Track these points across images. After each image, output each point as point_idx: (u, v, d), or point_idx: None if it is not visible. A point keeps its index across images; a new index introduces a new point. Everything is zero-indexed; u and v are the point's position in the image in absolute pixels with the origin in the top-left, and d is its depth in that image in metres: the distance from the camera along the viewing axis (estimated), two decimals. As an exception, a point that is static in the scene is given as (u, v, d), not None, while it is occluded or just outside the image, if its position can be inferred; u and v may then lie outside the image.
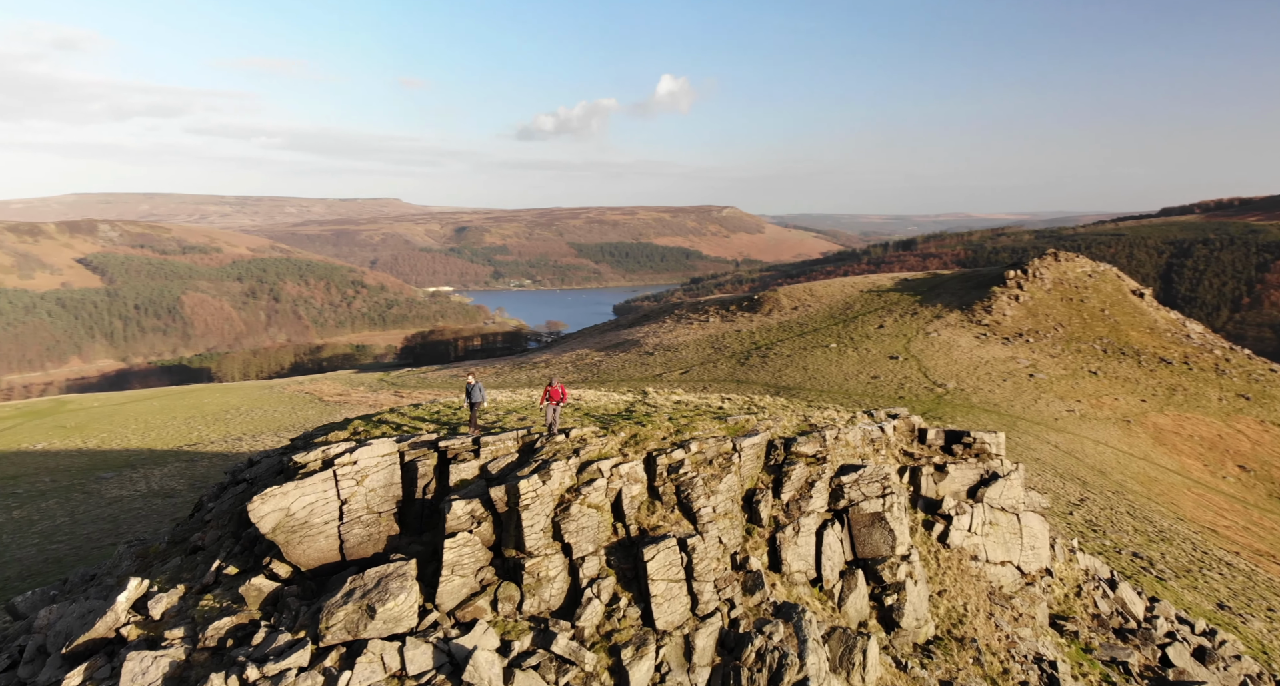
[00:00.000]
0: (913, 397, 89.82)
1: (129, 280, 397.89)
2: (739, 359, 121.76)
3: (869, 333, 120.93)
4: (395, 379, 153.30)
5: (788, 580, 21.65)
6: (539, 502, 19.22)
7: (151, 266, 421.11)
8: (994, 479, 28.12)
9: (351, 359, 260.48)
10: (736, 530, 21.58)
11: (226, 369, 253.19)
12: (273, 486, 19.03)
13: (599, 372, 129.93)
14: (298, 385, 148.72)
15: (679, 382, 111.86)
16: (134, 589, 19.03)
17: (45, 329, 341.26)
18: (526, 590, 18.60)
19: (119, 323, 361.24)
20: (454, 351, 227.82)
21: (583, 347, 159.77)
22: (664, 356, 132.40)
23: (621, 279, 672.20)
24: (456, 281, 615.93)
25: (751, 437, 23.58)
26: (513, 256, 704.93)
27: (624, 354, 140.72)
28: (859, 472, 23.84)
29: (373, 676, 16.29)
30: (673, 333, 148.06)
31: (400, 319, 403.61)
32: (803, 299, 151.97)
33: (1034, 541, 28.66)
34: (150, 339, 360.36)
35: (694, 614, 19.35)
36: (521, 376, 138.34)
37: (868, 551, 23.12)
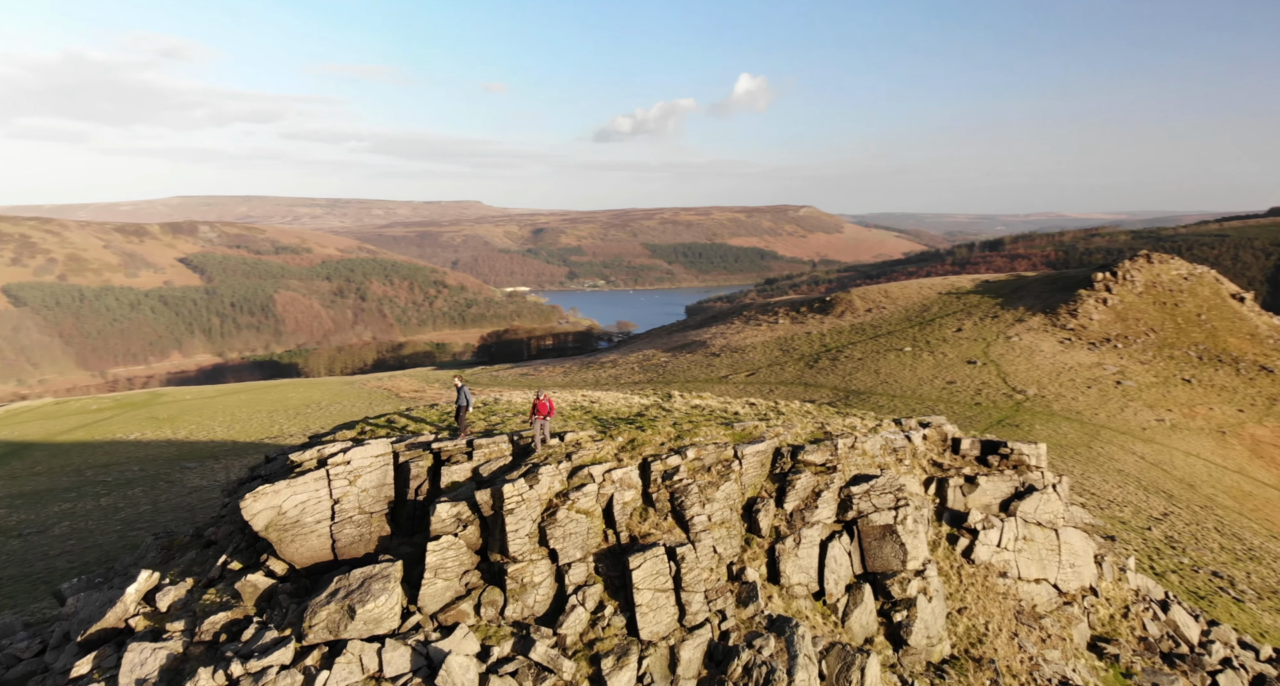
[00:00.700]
0: (990, 404, 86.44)
1: (226, 279, 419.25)
2: (808, 362, 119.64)
3: (946, 336, 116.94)
4: (468, 376, 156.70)
5: (787, 593, 20.92)
6: (525, 507, 19.03)
7: (247, 266, 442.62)
8: (1029, 492, 26.60)
9: (431, 356, 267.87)
10: (734, 540, 20.98)
11: (313, 365, 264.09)
12: (264, 485, 19.49)
13: (664, 373, 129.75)
14: (377, 381, 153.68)
15: (744, 384, 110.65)
16: (143, 580, 19.82)
17: (149, 325, 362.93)
18: (510, 595, 18.43)
19: (216, 319, 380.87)
20: (527, 350, 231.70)
21: (650, 348, 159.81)
22: (730, 358, 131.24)
23: (694, 279, 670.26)
24: (533, 281, 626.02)
25: (755, 445, 22.87)
26: (587, 257, 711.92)
27: (690, 355, 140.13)
28: (871, 483, 22.89)
29: (350, 677, 16.42)
30: (740, 334, 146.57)
31: (479, 318, 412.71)
32: (877, 300, 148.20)
33: (1074, 559, 27.13)
34: (245, 335, 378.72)
35: (681, 624, 18.87)
36: (588, 376, 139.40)
37: (878, 565, 22.19)
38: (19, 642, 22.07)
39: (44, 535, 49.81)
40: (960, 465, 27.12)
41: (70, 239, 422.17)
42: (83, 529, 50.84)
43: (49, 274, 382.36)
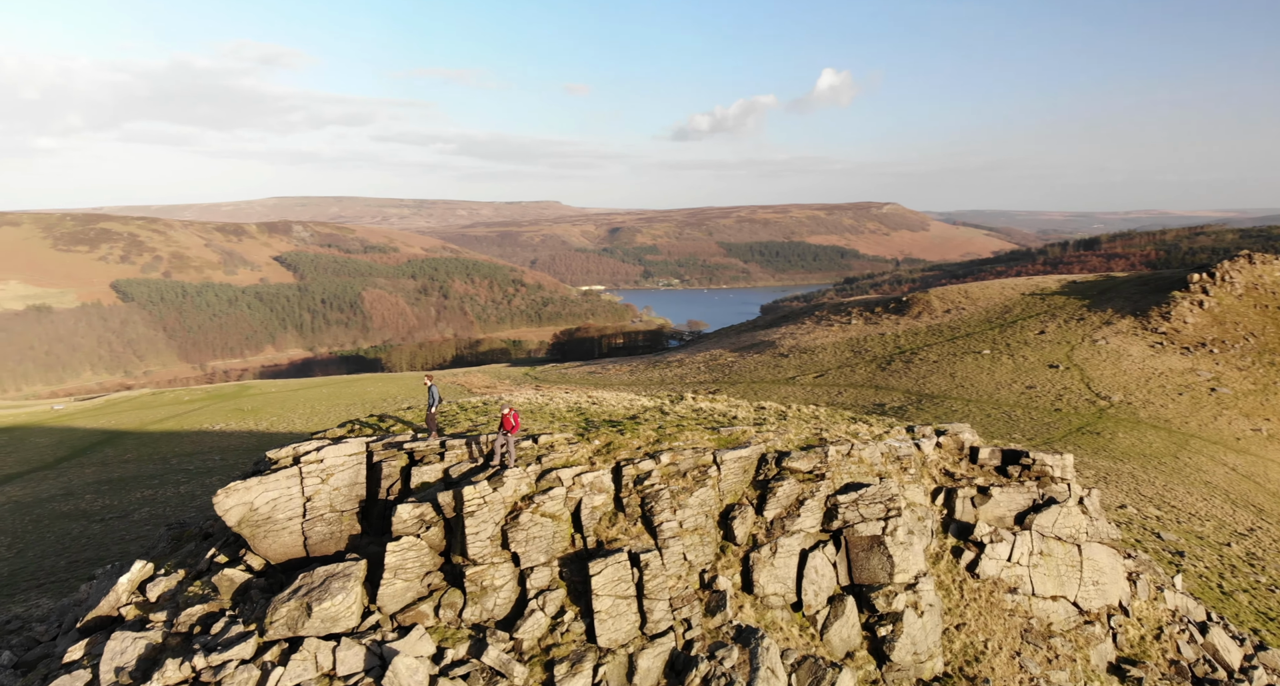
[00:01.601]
0: (1070, 410, 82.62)
1: (317, 276, 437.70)
2: (880, 364, 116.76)
3: (1027, 338, 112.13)
4: (539, 373, 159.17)
5: (761, 603, 20.25)
6: (486, 510, 18.96)
7: (337, 264, 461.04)
8: (1048, 505, 25.08)
9: (506, 353, 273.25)
10: (708, 547, 20.44)
11: (395, 360, 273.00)
12: (236, 481, 20.00)
13: (730, 374, 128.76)
14: (452, 377, 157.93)
15: (812, 386, 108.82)
16: (136, 571, 20.71)
17: (245, 320, 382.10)
18: (470, 597, 18.37)
19: (308, 315, 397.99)
20: (598, 348, 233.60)
21: (718, 348, 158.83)
22: (799, 359, 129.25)
23: (771, 278, 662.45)
24: (608, 280, 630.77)
25: (738, 450, 22.24)
26: (662, 256, 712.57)
27: (757, 355, 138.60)
28: (860, 492, 21.98)
29: (304, 674, 16.65)
30: (811, 334, 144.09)
31: (554, 316, 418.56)
32: (956, 301, 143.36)
33: (1098, 576, 25.52)
34: (334, 331, 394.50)
35: (642, 632, 18.48)
36: (654, 375, 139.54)
37: (865, 577, 21.30)
38: (40, 626, 23.39)
39: (124, 520, 53.01)
40: (974, 475, 25.82)
41: (174, 238, 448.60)
42: (160, 515, 53.86)
43: (155, 271, 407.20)
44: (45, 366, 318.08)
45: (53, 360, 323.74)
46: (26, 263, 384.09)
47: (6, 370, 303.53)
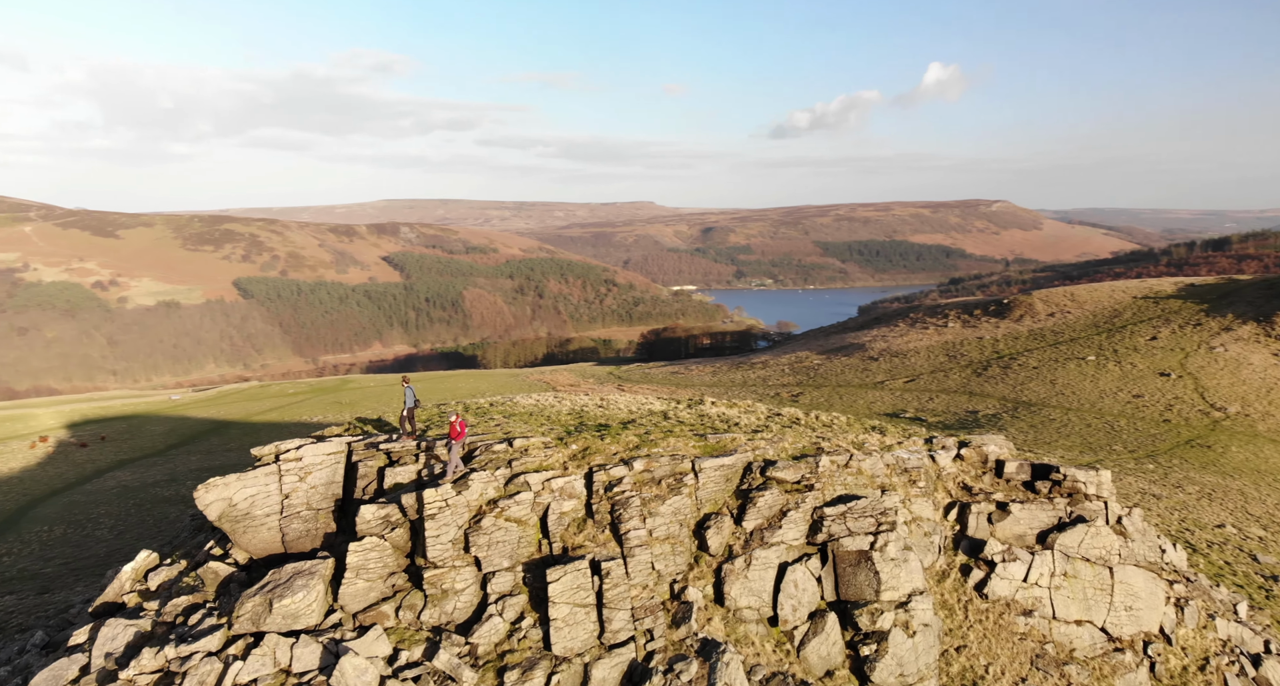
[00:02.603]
0: (1180, 422, 76.84)
1: (422, 276, 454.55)
2: (975, 369, 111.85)
3: (1137, 345, 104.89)
4: (623, 373, 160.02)
5: (733, 616, 19.30)
6: (449, 513, 18.72)
7: (440, 264, 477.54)
8: (1075, 523, 22.97)
9: (595, 352, 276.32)
10: (680, 557, 19.61)
11: (490, 357, 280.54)
12: (216, 477, 20.43)
13: (815, 377, 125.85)
14: (539, 374, 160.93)
15: (902, 392, 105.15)
16: (141, 560, 21.58)
17: (355, 317, 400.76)
18: (430, 600, 18.22)
19: (412, 313, 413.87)
20: (685, 348, 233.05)
21: (804, 350, 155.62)
22: (889, 363, 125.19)
23: (870, 279, 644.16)
24: (700, 280, 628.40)
25: (719, 458, 21.27)
26: (756, 255, 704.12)
27: (845, 358, 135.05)
28: (849, 505, 20.71)
29: (262, 669, 16.83)
30: (904, 337, 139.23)
31: (644, 316, 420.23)
32: (1061, 304, 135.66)
33: (1132, 601, 23.49)
34: (436, 328, 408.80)
35: (600, 642, 17.79)
36: (736, 376, 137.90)
37: (851, 593, 20.07)
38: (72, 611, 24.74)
39: (218, 506, 56.29)
40: (995, 490, 23.95)
41: (291, 238, 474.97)
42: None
43: (273, 270, 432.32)
44: (173, 358, 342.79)
45: (180, 353, 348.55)
46: (158, 261, 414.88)
47: (138, 361, 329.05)
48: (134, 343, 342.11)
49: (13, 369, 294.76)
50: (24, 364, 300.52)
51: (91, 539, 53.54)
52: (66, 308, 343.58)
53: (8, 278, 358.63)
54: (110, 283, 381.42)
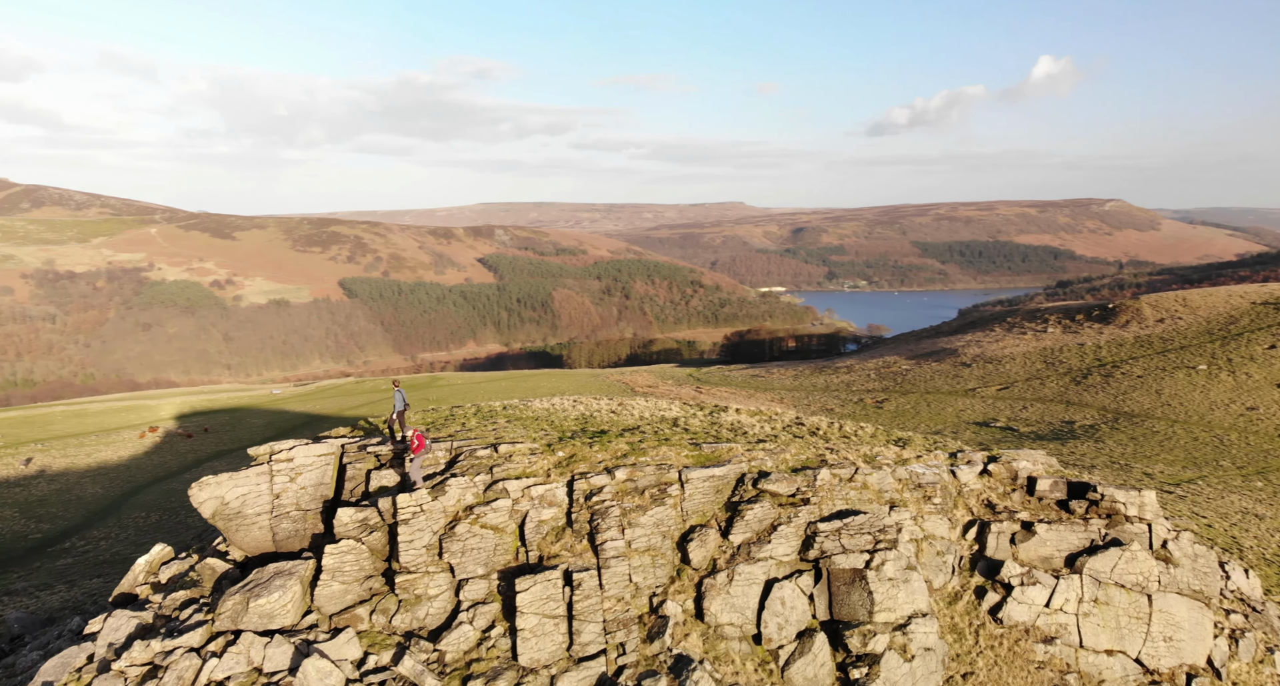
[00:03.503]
0: (1297, 437, 70.12)
1: (514, 277, 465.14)
2: (1074, 377, 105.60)
3: (1254, 354, 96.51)
4: (702, 375, 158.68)
5: (714, 633, 18.17)
6: (424, 518, 18.22)
7: (531, 265, 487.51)
8: (1108, 547, 20.56)
9: (677, 353, 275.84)
10: (661, 569, 18.53)
11: (575, 356, 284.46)
12: (209, 476, 20.51)
13: (902, 383, 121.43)
14: (618, 375, 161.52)
15: (994, 399, 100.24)
16: (155, 553, 22.06)
17: (451, 316, 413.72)
18: (403, 605, 17.85)
19: (504, 313, 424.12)
20: (768, 351, 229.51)
21: (893, 354, 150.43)
22: (982, 369, 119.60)
23: (971, 281, 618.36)
24: (790, 282, 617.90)
25: (709, 469, 20.05)
26: (849, 256, 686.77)
27: (936, 363, 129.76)
28: (846, 521, 19.27)
29: (236, 668, 16.74)
30: (999, 343, 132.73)
31: (731, 317, 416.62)
32: (1171, 309, 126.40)
33: (1172, 631, 21.61)
34: (527, 328, 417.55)
35: (569, 654, 16.79)
36: (819, 381, 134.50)
37: (844, 613, 18.71)
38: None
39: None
40: (1021, 508, 21.75)
41: (393, 240, 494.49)
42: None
43: (375, 270, 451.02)
44: (282, 354, 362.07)
45: (289, 349, 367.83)
46: (270, 262, 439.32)
47: (251, 356, 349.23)
48: (247, 339, 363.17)
49: (137, 362, 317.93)
50: (147, 357, 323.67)
51: (183, 526, 56.59)
52: (187, 305, 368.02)
53: (134, 276, 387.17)
54: (227, 281, 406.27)
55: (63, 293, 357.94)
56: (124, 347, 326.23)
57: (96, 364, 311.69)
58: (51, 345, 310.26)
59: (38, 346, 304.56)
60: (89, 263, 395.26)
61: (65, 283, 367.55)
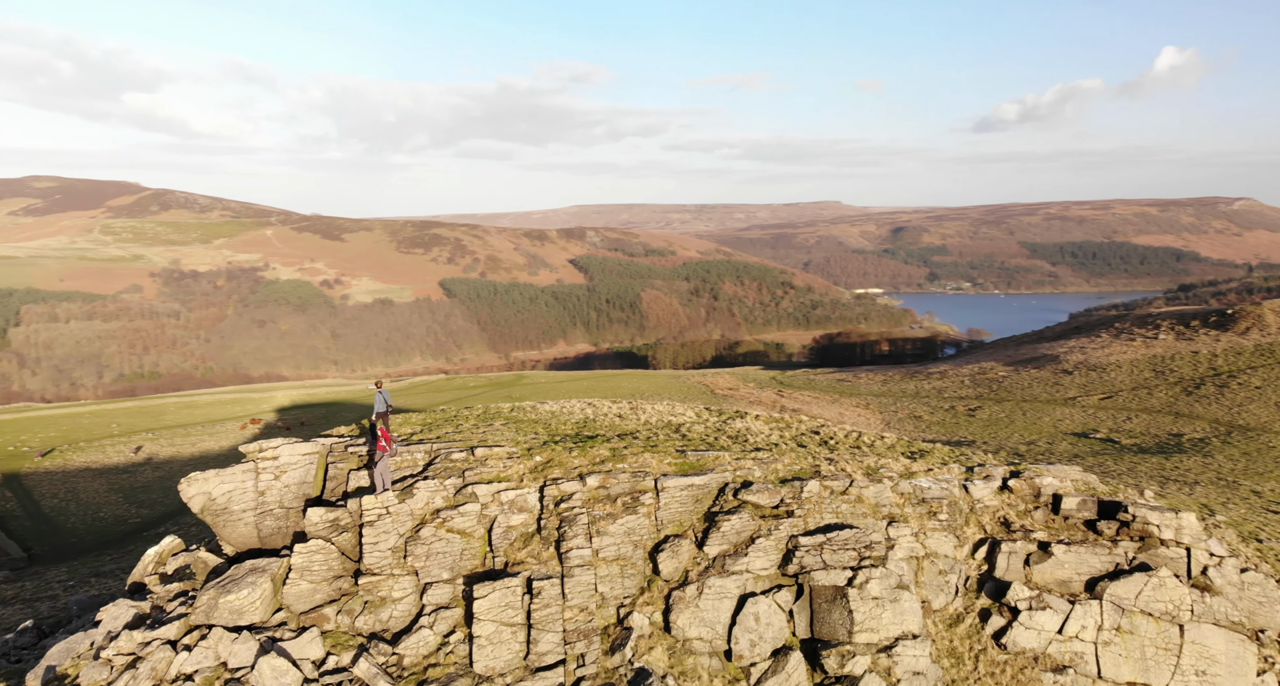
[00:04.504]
0: None
1: (604, 278, 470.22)
2: (1186, 387, 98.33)
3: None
4: (786, 378, 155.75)
5: (682, 647, 17.25)
6: (389, 521, 17.91)
7: (621, 266, 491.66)
8: (1135, 571, 18.39)
9: (764, 355, 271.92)
10: (630, 580, 17.71)
11: (660, 357, 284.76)
12: (197, 471, 20.79)
13: (997, 390, 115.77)
14: (699, 377, 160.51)
15: (1095, 409, 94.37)
16: (165, 544, 22.69)
17: (542, 316, 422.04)
18: (367, 607, 17.58)
19: (593, 313, 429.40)
20: (859, 354, 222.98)
21: (990, 360, 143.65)
22: (1084, 377, 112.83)
23: (1084, 283, 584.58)
24: (887, 283, 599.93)
25: (687, 478, 18.98)
26: (952, 257, 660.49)
27: (1035, 370, 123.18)
28: (829, 536, 18.06)
29: (203, 662, 16.84)
30: (1104, 349, 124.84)
31: (823, 319, 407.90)
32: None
33: (1206, 664, 19.78)
34: (615, 328, 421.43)
35: (526, 664, 16.07)
36: (908, 387, 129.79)
37: (824, 631, 17.60)
38: None
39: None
40: (1041, 527, 19.76)
41: (490, 242, 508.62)
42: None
43: (473, 271, 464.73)
44: (385, 351, 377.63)
45: (391, 346, 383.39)
46: (376, 262, 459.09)
47: (356, 353, 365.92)
48: (353, 336, 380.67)
49: (252, 357, 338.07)
50: (261, 353, 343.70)
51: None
52: (298, 303, 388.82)
53: (251, 276, 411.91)
54: (335, 281, 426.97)
55: (186, 290, 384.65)
56: (240, 343, 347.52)
57: (215, 358, 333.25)
58: (175, 340, 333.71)
59: (163, 341, 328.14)
60: (211, 262, 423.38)
61: (189, 281, 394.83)
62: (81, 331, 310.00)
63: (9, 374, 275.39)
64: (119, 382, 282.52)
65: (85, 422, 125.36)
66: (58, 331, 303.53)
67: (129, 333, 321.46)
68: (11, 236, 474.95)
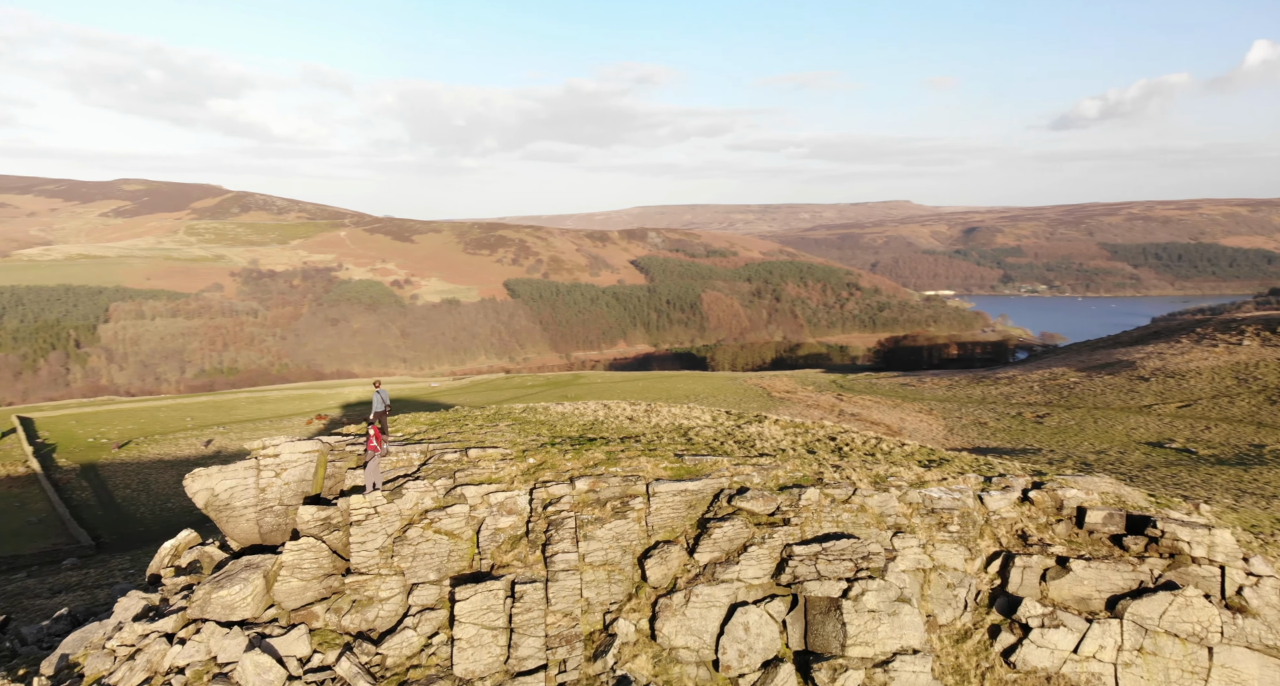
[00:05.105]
0: None
1: (664, 279, 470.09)
2: (1270, 396, 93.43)
3: None
4: (847, 382, 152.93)
5: (668, 655, 16.74)
6: (377, 520, 17.77)
7: (682, 267, 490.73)
8: (1160, 590, 16.92)
9: (825, 358, 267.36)
10: (618, 586, 17.23)
11: (719, 358, 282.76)
12: (200, 468, 21.04)
13: (1068, 397, 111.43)
14: (757, 379, 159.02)
15: (1173, 418, 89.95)
16: (181, 538, 23.20)
17: (603, 316, 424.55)
18: (354, 606, 17.44)
19: (654, 314, 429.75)
20: (925, 358, 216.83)
21: (1062, 365, 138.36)
22: (1161, 384, 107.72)
23: (1168, 286, 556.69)
24: (959, 285, 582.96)
25: (680, 483, 18.40)
26: (1027, 258, 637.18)
27: (1109, 377, 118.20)
28: (825, 545, 17.42)
29: (194, 656, 17.00)
30: (1184, 356, 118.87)
31: (890, 322, 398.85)
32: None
33: None
34: (675, 330, 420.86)
35: (506, 667, 15.70)
36: (975, 392, 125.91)
37: (818, 644, 16.95)
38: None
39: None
40: (1060, 541, 18.48)
41: (553, 244, 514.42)
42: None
43: (536, 272, 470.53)
44: (452, 349, 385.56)
45: (457, 345, 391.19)
46: (444, 263, 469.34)
47: (424, 351, 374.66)
48: (421, 334, 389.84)
49: (325, 354, 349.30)
50: (334, 350, 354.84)
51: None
52: (370, 302, 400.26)
53: (325, 275, 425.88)
54: (405, 281, 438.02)
55: (264, 289, 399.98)
56: (314, 341, 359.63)
57: (290, 355, 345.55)
58: (253, 337, 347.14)
59: (241, 338, 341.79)
60: (287, 262, 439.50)
61: (266, 280, 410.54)
62: (166, 328, 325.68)
63: (98, 368, 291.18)
64: (199, 378, 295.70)
65: (161, 416, 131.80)
66: (144, 328, 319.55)
67: (210, 330, 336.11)
68: (103, 237, 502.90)
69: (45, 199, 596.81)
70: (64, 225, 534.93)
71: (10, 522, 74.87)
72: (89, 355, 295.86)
